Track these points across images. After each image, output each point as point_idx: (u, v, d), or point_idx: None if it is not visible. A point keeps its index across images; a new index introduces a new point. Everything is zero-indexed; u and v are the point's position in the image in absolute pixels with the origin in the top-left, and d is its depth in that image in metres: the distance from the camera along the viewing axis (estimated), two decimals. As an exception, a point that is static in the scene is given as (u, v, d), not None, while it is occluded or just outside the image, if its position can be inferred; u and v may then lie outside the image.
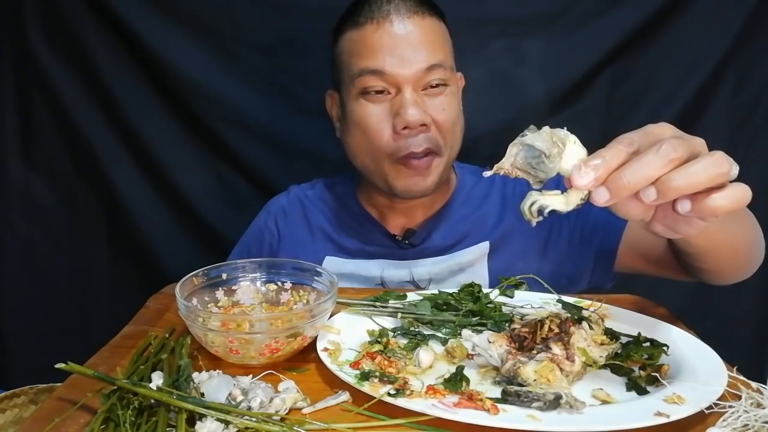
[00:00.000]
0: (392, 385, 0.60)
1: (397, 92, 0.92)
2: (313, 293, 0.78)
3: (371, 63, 0.91)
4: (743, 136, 1.31)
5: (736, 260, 0.82)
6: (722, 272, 0.84)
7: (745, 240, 0.81)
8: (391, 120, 0.92)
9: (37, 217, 1.38)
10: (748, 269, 0.86)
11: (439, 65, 0.92)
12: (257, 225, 1.14)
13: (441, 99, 0.93)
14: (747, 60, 1.27)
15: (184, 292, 0.72)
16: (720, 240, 0.76)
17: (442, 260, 1.02)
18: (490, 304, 0.80)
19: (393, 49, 0.90)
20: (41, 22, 1.28)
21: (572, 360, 0.62)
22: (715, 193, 0.52)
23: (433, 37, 0.93)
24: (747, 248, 0.82)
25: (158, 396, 0.56)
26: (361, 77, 0.92)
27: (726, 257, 0.80)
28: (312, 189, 1.15)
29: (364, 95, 0.93)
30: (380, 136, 0.93)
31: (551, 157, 0.54)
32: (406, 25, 0.91)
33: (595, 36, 1.25)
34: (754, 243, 0.84)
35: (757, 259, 0.87)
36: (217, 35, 1.28)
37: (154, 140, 1.33)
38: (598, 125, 1.30)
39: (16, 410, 1.25)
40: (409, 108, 0.89)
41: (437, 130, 0.93)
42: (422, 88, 0.92)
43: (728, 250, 0.78)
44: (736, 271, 0.85)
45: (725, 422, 0.55)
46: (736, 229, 0.78)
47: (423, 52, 0.91)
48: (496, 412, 0.56)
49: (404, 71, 0.90)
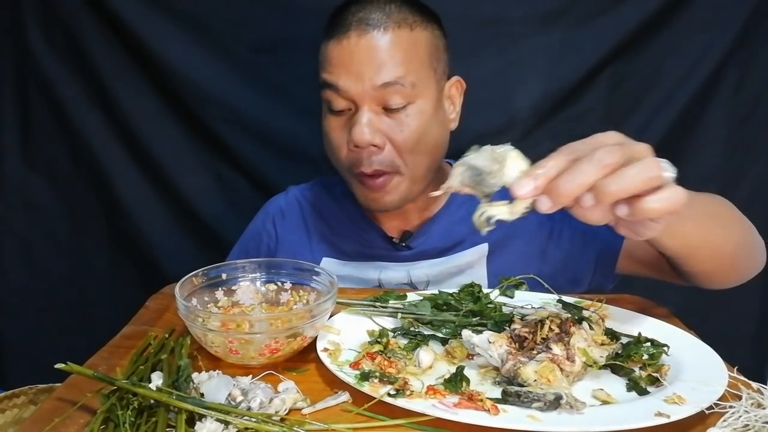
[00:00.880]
0: (392, 385, 0.60)
1: (356, 109, 0.90)
2: (313, 293, 0.78)
3: (329, 77, 0.90)
4: (743, 136, 1.31)
5: (721, 264, 0.81)
6: (710, 276, 0.84)
7: (728, 244, 0.80)
8: (346, 136, 0.91)
9: (36, 217, 1.38)
10: (740, 273, 0.86)
11: (396, 83, 0.88)
12: (255, 226, 1.14)
13: (401, 118, 0.90)
14: (747, 60, 1.27)
15: (183, 292, 0.71)
16: (698, 243, 0.76)
17: (440, 262, 1.01)
18: (491, 304, 0.79)
19: (348, 66, 0.88)
20: (41, 22, 1.28)
21: (572, 360, 0.62)
22: (648, 196, 0.54)
23: (394, 52, 0.88)
24: (732, 252, 0.81)
25: (158, 396, 0.56)
26: (324, 90, 0.91)
27: (709, 261, 0.80)
28: (310, 190, 1.14)
29: (329, 110, 0.93)
30: (340, 150, 0.93)
31: (492, 173, 0.57)
32: (364, 40, 0.87)
33: (595, 36, 1.25)
34: (743, 246, 0.84)
35: (750, 263, 0.87)
36: (217, 35, 1.28)
37: (153, 140, 1.33)
38: (598, 125, 1.29)
39: (15, 410, 1.25)
40: (357, 127, 0.88)
41: (394, 150, 0.90)
42: (382, 106, 0.89)
43: (710, 253, 0.78)
44: (726, 275, 0.84)
45: (726, 422, 0.55)
46: (715, 233, 0.78)
47: (378, 69, 0.87)
48: (497, 413, 0.56)
49: (358, 88, 0.88)
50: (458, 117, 1.00)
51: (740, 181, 1.32)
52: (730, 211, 0.84)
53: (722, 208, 0.84)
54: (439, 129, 0.95)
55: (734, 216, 0.84)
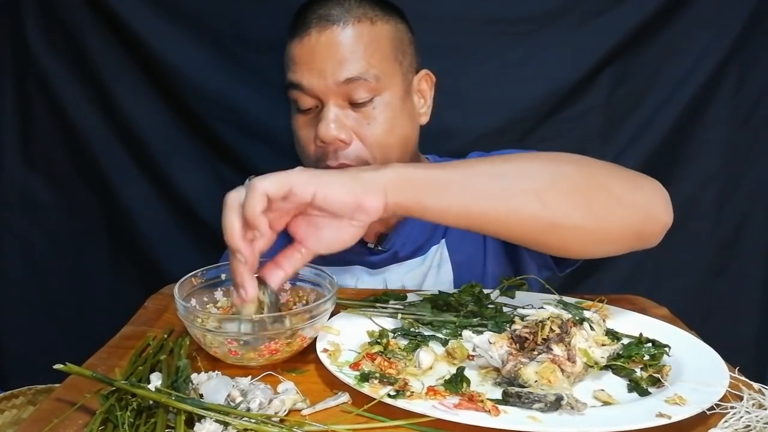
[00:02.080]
0: (392, 386, 0.59)
1: (322, 105, 0.89)
2: (313, 294, 0.78)
3: (293, 76, 0.90)
4: (743, 135, 1.31)
5: (550, 232, 0.72)
6: (564, 248, 0.76)
7: (526, 209, 0.70)
8: (313, 133, 0.91)
9: (35, 216, 1.38)
10: (610, 236, 0.74)
11: (359, 77, 0.87)
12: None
13: (367, 111, 0.89)
14: (747, 60, 1.27)
15: (182, 292, 0.71)
16: (489, 216, 0.69)
17: (413, 264, 1.00)
18: (491, 304, 0.79)
19: (310, 64, 0.88)
20: (40, 22, 1.28)
21: (573, 361, 0.62)
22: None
23: (356, 46, 0.88)
24: (538, 214, 0.70)
25: (157, 397, 0.56)
26: (289, 89, 0.91)
27: (509, 230, 0.72)
28: None
29: (296, 108, 0.93)
30: (308, 147, 0.92)
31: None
32: (324, 37, 0.87)
33: (595, 36, 1.25)
34: (589, 212, 0.72)
35: (625, 223, 0.74)
36: (217, 35, 1.28)
37: (153, 140, 1.33)
38: (598, 125, 1.30)
39: (14, 411, 1.25)
40: (323, 123, 0.87)
41: (362, 144, 0.89)
42: (348, 101, 0.89)
43: (503, 223, 0.70)
44: (582, 243, 0.74)
45: (727, 423, 0.55)
46: (512, 202, 0.70)
47: (340, 64, 0.87)
48: (497, 414, 0.55)
49: (321, 85, 0.87)
50: (429, 111, 0.99)
51: (740, 181, 1.32)
52: (544, 168, 0.74)
53: (519, 167, 0.74)
54: (407, 122, 0.94)
55: (550, 173, 0.73)
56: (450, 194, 0.69)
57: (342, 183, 0.65)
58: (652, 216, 0.76)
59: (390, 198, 0.66)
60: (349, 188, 0.65)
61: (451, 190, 0.69)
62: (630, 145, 1.30)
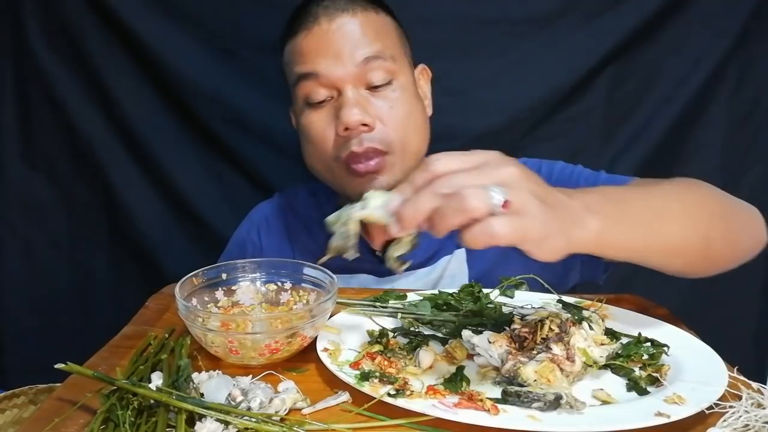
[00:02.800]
0: (392, 385, 0.60)
1: (338, 95, 0.88)
2: (313, 293, 0.78)
3: (305, 67, 0.88)
4: (743, 135, 1.31)
5: (686, 258, 0.75)
6: (681, 271, 0.78)
7: (689, 238, 0.73)
8: (331, 123, 0.89)
9: (36, 216, 1.38)
10: (721, 261, 0.79)
11: (377, 57, 0.87)
12: (240, 235, 1.12)
13: (390, 94, 0.89)
14: (747, 60, 1.27)
15: (183, 292, 0.71)
16: (642, 248, 0.70)
17: (424, 273, 0.99)
18: (491, 304, 0.80)
19: (325, 50, 0.87)
20: (40, 22, 1.28)
21: (572, 360, 0.62)
22: (465, 230, 0.55)
23: (367, 30, 0.89)
24: (699, 245, 0.74)
25: (158, 396, 0.56)
26: (300, 84, 0.89)
27: (667, 259, 0.74)
28: (295, 197, 1.12)
29: (308, 105, 0.90)
30: (325, 142, 0.90)
31: (349, 238, 0.65)
32: (336, 24, 0.87)
33: (595, 36, 1.25)
34: (717, 236, 0.76)
35: (736, 247, 0.80)
36: (217, 35, 1.28)
37: (153, 140, 1.33)
38: (598, 125, 1.30)
39: (15, 410, 1.25)
40: (346, 108, 0.85)
41: (385, 128, 0.88)
42: (365, 86, 0.88)
43: (664, 253, 0.73)
44: (701, 267, 0.78)
45: (726, 422, 0.55)
46: (666, 233, 0.71)
47: (356, 47, 0.87)
48: (497, 413, 0.56)
49: (339, 70, 0.86)
50: (431, 104, 0.99)
51: (740, 181, 1.32)
52: (694, 199, 0.77)
53: (678, 200, 0.76)
54: (422, 109, 0.94)
55: (700, 205, 0.77)
56: (629, 233, 0.68)
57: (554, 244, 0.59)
58: (762, 241, 0.83)
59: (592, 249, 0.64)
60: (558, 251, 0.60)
61: (632, 228, 0.68)
62: (629, 145, 1.30)
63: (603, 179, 0.95)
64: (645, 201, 0.73)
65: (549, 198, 0.59)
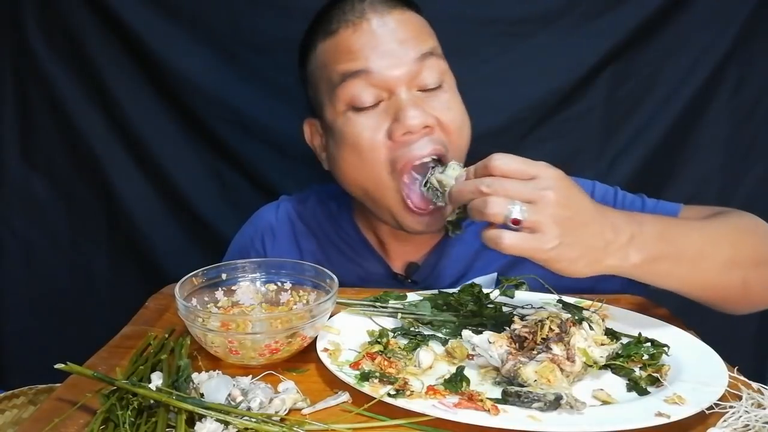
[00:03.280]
0: (392, 385, 0.60)
1: (389, 96, 0.81)
2: (313, 293, 0.78)
3: (354, 64, 0.80)
4: (743, 135, 1.31)
5: (723, 296, 0.78)
6: (718, 306, 0.81)
7: (729, 278, 0.76)
8: (385, 129, 0.81)
9: (36, 216, 1.38)
10: (760, 300, 0.82)
11: (431, 53, 0.82)
12: (243, 240, 1.07)
13: (443, 96, 0.83)
14: (747, 60, 1.27)
15: (183, 292, 0.72)
16: (681, 283, 0.74)
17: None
18: (491, 304, 0.80)
19: (377, 47, 0.80)
20: (40, 21, 1.28)
21: (573, 360, 0.62)
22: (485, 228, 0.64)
23: (419, 28, 0.85)
24: (738, 284, 0.76)
25: (158, 396, 0.56)
26: (345, 84, 0.81)
27: (705, 295, 0.77)
28: (303, 204, 1.04)
29: (354, 110, 0.82)
30: (376, 149, 0.81)
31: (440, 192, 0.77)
32: (386, 21, 0.81)
33: (595, 36, 1.25)
34: (758, 276, 0.78)
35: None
36: (217, 35, 1.28)
37: (153, 139, 1.33)
38: (598, 125, 1.30)
39: (15, 411, 1.25)
40: (408, 110, 0.78)
41: (442, 133, 0.82)
42: (418, 87, 0.82)
43: (704, 289, 0.76)
44: (737, 304, 0.81)
45: (726, 423, 0.55)
46: (706, 271, 0.74)
47: (411, 44, 0.81)
48: (497, 413, 0.56)
49: (393, 69, 0.80)
50: None
51: (740, 181, 1.32)
52: (744, 244, 0.78)
53: (729, 243, 0.76)
54: (466, 110, 0.89)
55: (750, 249, 0.78)
56: (670, 269, 0.71)
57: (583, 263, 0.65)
58: None
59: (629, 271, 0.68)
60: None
61: (674, 265, 0.71)
62: (629, 145, 1.30)
63: (650, 207, 0.92)
64: (695, 241, 0.74)
65: (578, 229, 0.63)
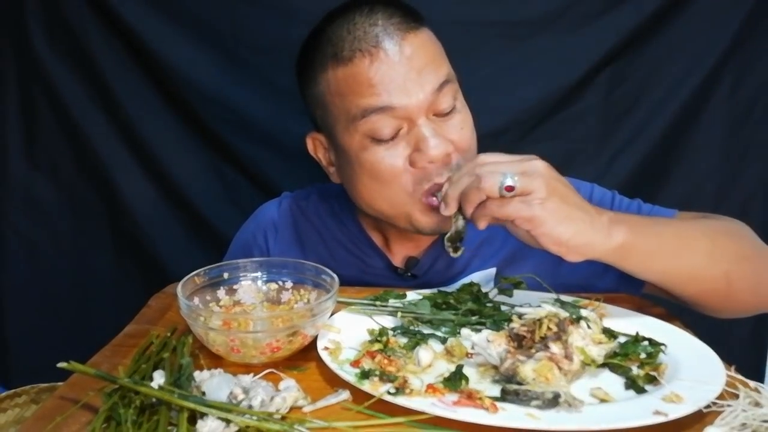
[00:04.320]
0: (392, 383, 0.60)
1: (409, 124, 0.82)
2: (314, 292, 0.78)
3: (375, 100, 0.80)
4: (741, 135, 1.31)
5: (707, 294, 0.80)
6: (702, 305, 0.83)
7: (714, 276, 0.78)
8: (405, 157, 0.82)
9: (39, 216, 1.38)
10: (744, 304, 0.84)
11: (447, 81, 0.83)
12: (246, 236, 1.07)
13: (456, 117, 0.84)
14: (745, 60, 1.27)
15: (185, 291, 0.72)
16: (665, 272, 0.77)
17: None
18: (489, 303, 0.80)
19: (397, 81, 0.79)
20: (44, 23, 1.29)
21: (571, 359, 0.62)
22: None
23: (433, 51, 0.84)
24: (722, 283, 0.79)
25: (160, 395, 0.57)
26: (366, 119, 0.81)
27: (689, 290, 0.80)
28: (306, 200, 1.05)
29: (374, 141, 0.82)
30: (398, 178, 0.83)
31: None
32: (403, 49, 0.80)
33: (595, 36, 1.25)
34: (742, 278, 0.80)
35: (761, 296, 0.83)
36: (218, 35, 1.28)
37: (155, 140, 1.33)
38: (595, 126, 1.30)
39: (17, 409, 1.25)
40: (429, 141, 0.80)
41: (458, 153, 0.83)
42: (434, 113, 0.83)
43: (687, 283, 0.79)
44: (722, 305, 0.83)
45: (723, 421, 0.56)
46: (691, 264, 0.77)
47: (430, 74, 0.81)
48: (495, 411, 0.56)
49: (414, 101, 0.80)
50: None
51: (737, 182, 1.32)
52: (726, 238, 0.81)
53: (709, 237, 0.80)
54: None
55: (731, 243, 0.80)
56: (651, 253, 0.75)
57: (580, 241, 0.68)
58: None
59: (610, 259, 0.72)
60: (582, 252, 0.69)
61: (656, 251, 0.75)
62: (627, 145, 1.30)
63: (646, 212, 0.94)
64: (676, 231, 0.79)
65: (571, 198, 0.65)
